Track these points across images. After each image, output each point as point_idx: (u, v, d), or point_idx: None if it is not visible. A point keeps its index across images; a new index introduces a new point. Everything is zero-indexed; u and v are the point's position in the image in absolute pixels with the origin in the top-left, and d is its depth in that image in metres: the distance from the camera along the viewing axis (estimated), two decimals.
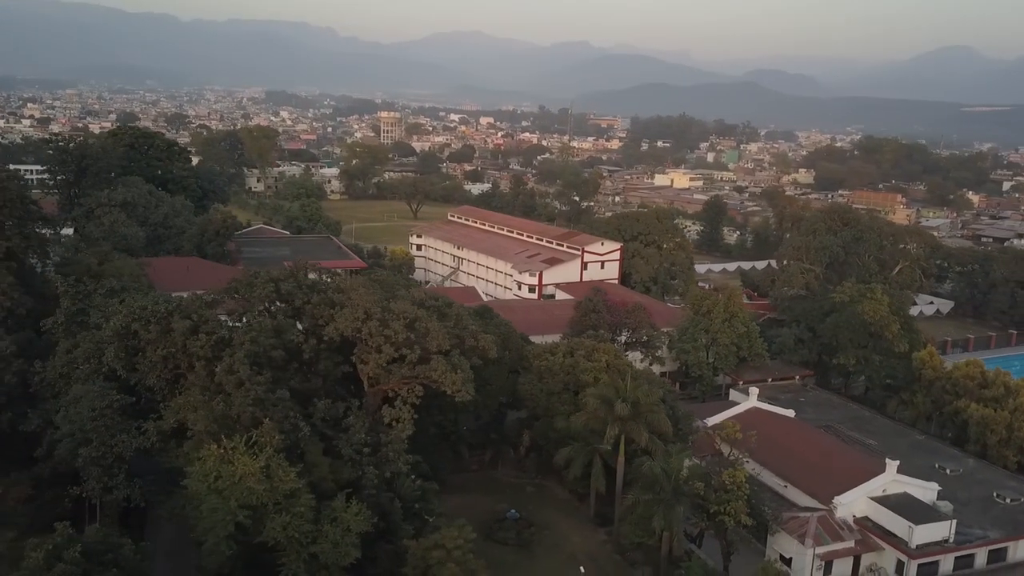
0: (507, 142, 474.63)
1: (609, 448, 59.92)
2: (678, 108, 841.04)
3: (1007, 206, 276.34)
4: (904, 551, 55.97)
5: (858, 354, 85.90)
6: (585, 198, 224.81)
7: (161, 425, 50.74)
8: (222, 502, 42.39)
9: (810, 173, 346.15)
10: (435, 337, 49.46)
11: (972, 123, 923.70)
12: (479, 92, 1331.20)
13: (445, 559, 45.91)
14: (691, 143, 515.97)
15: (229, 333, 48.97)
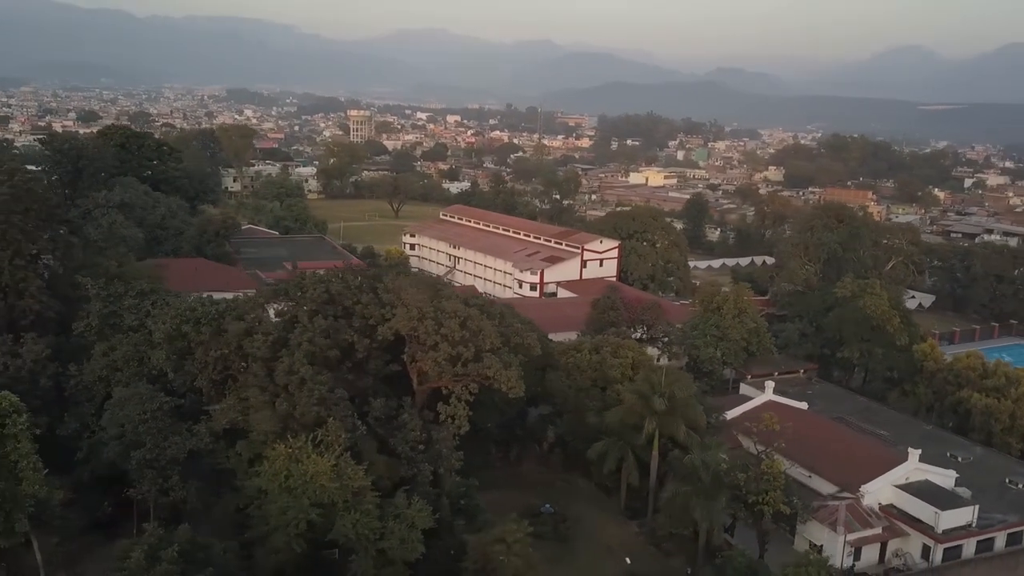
0: (479, 140, 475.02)
1: (644, 443, 61.40)
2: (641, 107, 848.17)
3: (971, 203, 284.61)
4: (931, 536, 58.31)
5: (862, 347, 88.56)
6: (566, 196, 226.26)
7: (212, 426, 51.03)
8: (294, 500, 42.89)
9: (780, 171, 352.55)
10: (487, 335, 50.40)
11: (928, 121, 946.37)
12: (442, 90, 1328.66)
13: (506, 553, 46.94)
14: (659, 141, 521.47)
15: (285, 334, 49.35)
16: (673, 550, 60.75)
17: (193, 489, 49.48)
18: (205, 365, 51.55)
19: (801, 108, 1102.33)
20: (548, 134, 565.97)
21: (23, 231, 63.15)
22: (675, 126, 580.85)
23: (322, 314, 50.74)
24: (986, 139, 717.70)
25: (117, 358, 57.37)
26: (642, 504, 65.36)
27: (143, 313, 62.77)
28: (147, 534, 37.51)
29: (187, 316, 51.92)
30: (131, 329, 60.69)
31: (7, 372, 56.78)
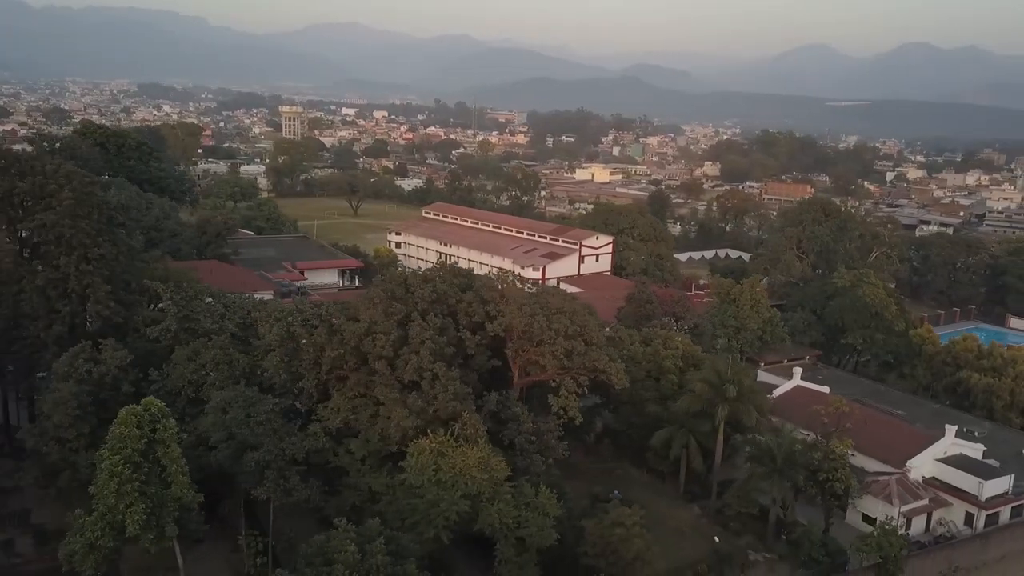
0: (416, 136, 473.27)
1: (709, 429, 64.88)
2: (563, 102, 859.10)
3: (899, 195, 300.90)
4: (975, 504, 63.69)
5: (864, 334, 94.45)
6: (526, 193, 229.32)
7: (327, 426, 51.93)
8: (446, 493, 44.44)
9: (716, 166, 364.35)
10: (592, 329, 52.82)
11: (837, 117, 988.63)
12: (362, 85, 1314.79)
13: (628, 536, 49.57)
14: (592, 137, 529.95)
15: (404, 333, 50.65)
16: (740, 529, 64.43)
17: (316, 488, 50.25)
18: (316, 366, 52.29)
19: (717, 104, 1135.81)
20: (480, 130, 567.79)
21: (88, 235, 62.12)
22: (606, 122, 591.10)
23: (432, 313, 52.18)
24: (892, 134, 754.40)
25: (206, 361, 57.37)
26: (699, 488, 69.00)
27: (217, 315, 62.86)
28: (339, 529, 38.48)
29: (296, 318, 52.52)
30: (209, 332, 60.70)
31: (91, 378, 56.12)
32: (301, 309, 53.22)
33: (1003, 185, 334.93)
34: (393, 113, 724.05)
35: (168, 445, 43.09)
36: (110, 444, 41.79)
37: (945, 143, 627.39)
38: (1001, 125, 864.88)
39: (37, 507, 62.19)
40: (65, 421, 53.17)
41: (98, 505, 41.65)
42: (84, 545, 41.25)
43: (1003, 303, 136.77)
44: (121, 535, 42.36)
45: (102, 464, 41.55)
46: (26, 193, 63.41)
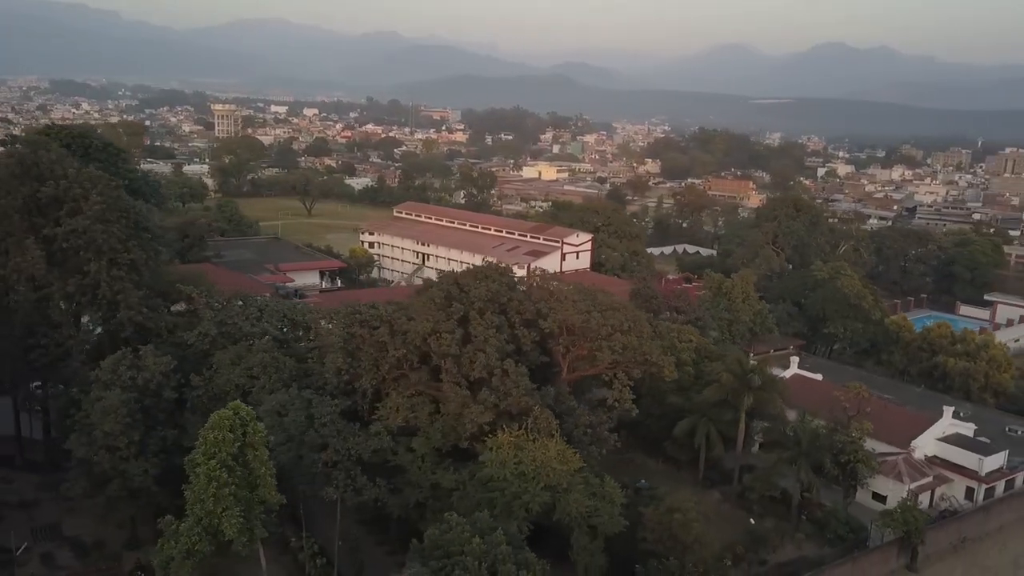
0: (355, 135, 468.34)
1: (731, 417, 67.91)
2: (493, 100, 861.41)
3: (832, 190, 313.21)
4: (975, 479, 68.41)
5: (844, 323, 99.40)
6: (483, 191, 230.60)
7: (389, 425, 52.73)
8: (529, 484, 45.92)
9: (656, 163, 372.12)
10: (642, 324, 54.98)
11: (760, 114, 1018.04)
12: (288, 82, 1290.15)
13: (686, 521, 51.94)
14: (529, 135, 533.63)
15: (465, 330, 51.84)
16: (763, 512, 67.61)
17: (383, 487, 51.04)
18: (375, 366, 53.00)
19: (644, 102, 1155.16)
20: (417, 128, 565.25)
21: (119, 240, 61.20)
22: (542, 120, 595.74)
23: (488, 311, 53.51)
24: (812, 130, 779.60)
25: (252, 364, 57.32)
26: (716, 475, 72.09)
27: (253, 318, 62.75)
28: (455, 522, 39.51)
29: (355, 319, 53.13)
30: (250, 336, 60.61)
31: (134, 385, 55.53)
32: (359, 310, 53.72)
33: (926, 179, 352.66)
34: (324, 111, 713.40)
35: (257, 448, 43.37)
36: (203, 448, 41.85)
37: (864, 140, 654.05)
38: (910, 122, 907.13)
39: (66, 519, 61.32)
40: (116, 429, 52.53)
41: (193, 510, 41.67)
42: (181, 551, 41.22)
43: (951, 292, 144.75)
44: (216, 539, 42.45)
45: (197, 469, 41.57)
46: (49, 198, 62.05)
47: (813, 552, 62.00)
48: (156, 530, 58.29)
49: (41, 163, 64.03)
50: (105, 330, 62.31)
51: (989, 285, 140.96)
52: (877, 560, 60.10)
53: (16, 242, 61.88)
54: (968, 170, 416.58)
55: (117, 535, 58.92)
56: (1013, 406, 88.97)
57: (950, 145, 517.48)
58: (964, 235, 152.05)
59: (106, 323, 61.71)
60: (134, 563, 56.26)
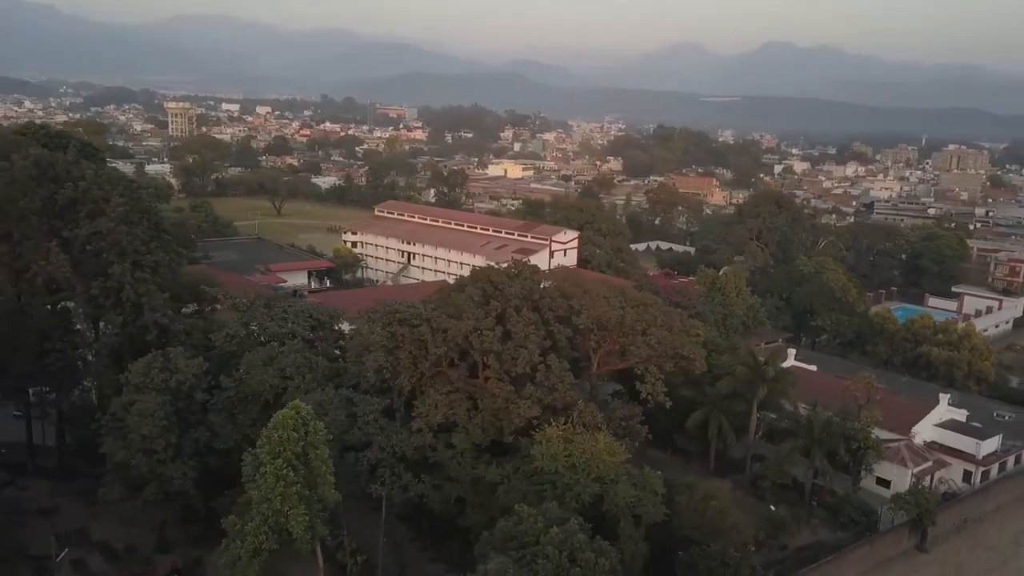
0: (313, 133, 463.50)
1: (743, 408, 70.03)
2: (445, 97, 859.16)
3: (792, 186, 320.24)
4: (973, 462, 71.72)
5: (830, 316, 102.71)
6: (453, 189, 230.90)
7: (429, 422, 53.47)
8: (580, 476, 47.16)
9: (618, 161, 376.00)
10: (674, 318, 56.61)
11: (711, 112, 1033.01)
12: (236, 80, 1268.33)
13: (722, 508, 53.77)
14: (488, 133, 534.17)
15: (504, 328, 52.83)
16: (775, 500, 69.89)
17: (429, 484, 51.76)
18: (415, 363, 53.66)
19: (597, 100, 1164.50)
20: (375, 126, 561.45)
21: (143, 242, 60.71)
22: (500, 118, 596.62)
23: (524, 308, 54.59)
24: (762, 128, 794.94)
25: (285, 365, 57.38)
26: (724, 466, 74.21)
27: (279, 319, 62.75)
28: (524, 514, 40.47)
29: (394, 318, 53.74)
30: (277, 337, 60.65)
31: (167, 387, 55.30)
32: (398, 309, 54.30)
33: (878, 176, 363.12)
34: (278, 109, 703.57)
35: (317, 447, 43.76)
36: (268, 448, 42.12)
37: (813, 137, 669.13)
38: (856, 119, 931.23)
39: (90, 524, 60.73)
40: (153, 432, 52.35)
41: (259, 509, 41.90)
42: (248, 551, 41.47)
43: (919, 284, 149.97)
44: (281, 538, 42.77)
45: (263, 468, 41.80)
46: (68, 200, 61.18)
47: (828, 536, 64.54)
48: (186, 533, 58.88)
49: (57, 164, 63.10)
50: (125, 333, 61.56)
51: (955, 278, 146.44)
52: (891, 542, 62.84)
53: (34, 245, 60.98)
54: (917, 166, 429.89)
55: (145, 539, 58.63)
56: (994, 392, 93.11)
57: (897, 142, 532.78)
58: (930, 230, 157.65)
59: (129, 326, 60.91)
60: (169, 566, 56.19)
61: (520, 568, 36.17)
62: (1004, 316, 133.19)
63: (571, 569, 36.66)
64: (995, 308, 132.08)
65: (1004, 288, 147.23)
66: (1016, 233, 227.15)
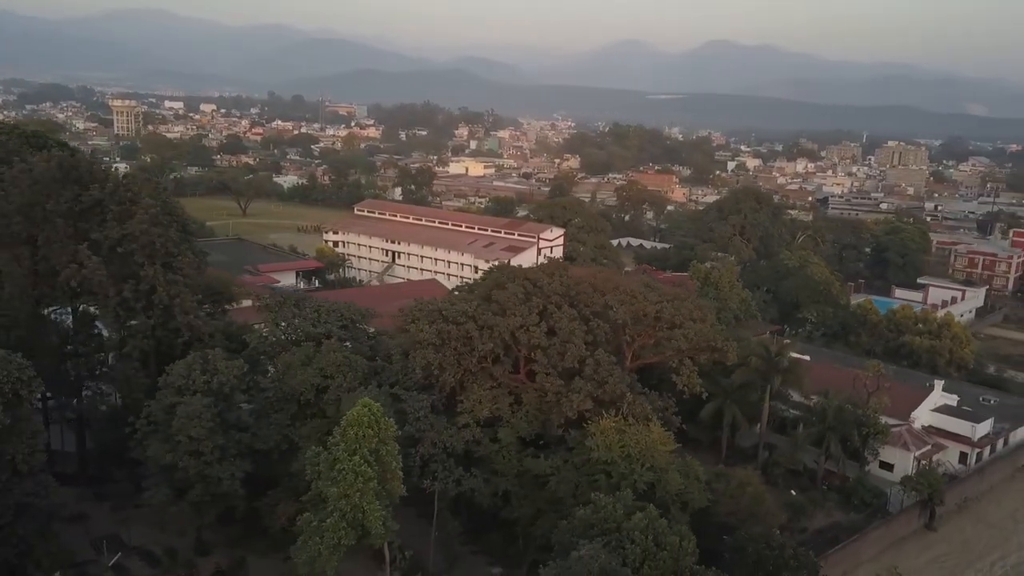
0: (265, 131, 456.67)
1: (753, 399, 72.65)
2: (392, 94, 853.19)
3: (747, 183, 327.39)
4: (969, 444, 75.57)
5: (816, 308, 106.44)
6: (421, 188, 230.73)
7: (476, 416, 54.58)
8: (635, 465, 48.82)
9: (576, 158, 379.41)
10: (707, 312, 58.70)
11: (657, 109, 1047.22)
12: (174, 77, 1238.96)
13: (757, 494, 56.07)
14: (441, 131, 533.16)
15: (548, 324, 54.21)
16: (787, 485, 72.59)
17: (481, 478, 52.87)
18: (459, 360, 54.66)
19: (545, 97, 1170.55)
20: (325, 124, 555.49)
21: (174, 243, 60.41)
22: (453, 116, 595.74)
23: (564, 304, 56.07)
24: (708, 125, 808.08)
25: (325, 365, 57.79)
26: (735, 455, 76.74)
27: (311, 319, 63.06)
28: (601, 502, 41.89)
29: (439, 315, 54.66)
30: (312, 337, 61.02)
31: (208, 389, 55.31)
32: (442, 307, 55.19)
33: (827, 172, 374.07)
34: (223, 106, 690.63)
35: (387, 443, 44.53)
36: (345, 445, 42.73)
37: (758, 134, 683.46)
38: (798, 116, 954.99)
39: (121, 529, 60.24)
40: (201, 434, 52.40)
41: (338, 505, 42.46)
42: (328, 547, 42.04)
43: (884, 277, 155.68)
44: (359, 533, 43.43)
45: (339, 465, 42.38)
46: (93, 201, 60.46)
47: (842, 519, 67.52)
48: (224, 534, 58.85)
49: (80, 166, 62.30)
50: (154, 335, 61.12)
51: (919, 270, 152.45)
52: (904, 522, 66.08)
53: (59, 248, 60.10)
54: (862, 162, 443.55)
55: (179, 542, 58.45)
56: (973, 378, 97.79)
57: (841, 139, 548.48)
58: (893, 224, 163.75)
59: (159, 328, 60.51)
60: (213, 567, 56.18)
61: (609, 553, 37.61)
62: (968, 306, 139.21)
63: (658, 553, 38.21)
64: (959, 298, 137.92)
65: (965, 279, 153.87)
66: (964, 226, 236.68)
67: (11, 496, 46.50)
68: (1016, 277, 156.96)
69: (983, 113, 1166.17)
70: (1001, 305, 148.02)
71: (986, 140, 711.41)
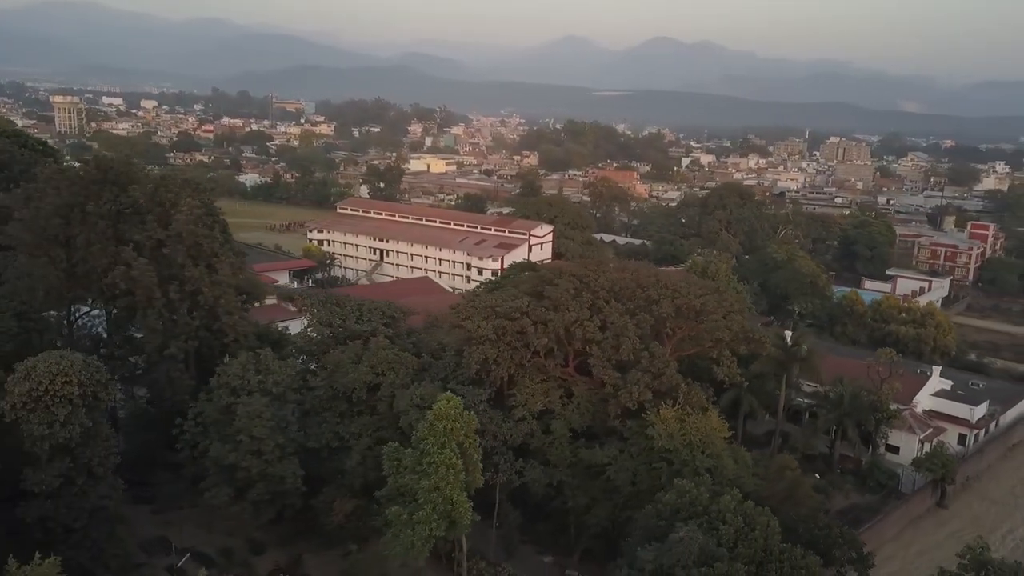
0: (216, 128, 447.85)
1: (770, 388, 75.60)
2: (337, 90, 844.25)
3: (703, 178, 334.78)
4: (967, 426, 79.85)
5: (805, 300, 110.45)
6: (390, 185, 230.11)
7: (531, 409, 56.05)
8: (696, 453, 50.91)
9: (534, 155, 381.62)
10: (743, 304, 61.14)
11: (603, 106, 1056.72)
12: (109, 72, 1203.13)
13: (797, 478, 58.73)
14: (394, 127, 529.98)
15: (600, 319, 55.98)
16: (803, 469, 75.70)
17: (538, 470, 54.37)
18: (513, 354, 56.04)
19: (491, 93, 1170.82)
20: (276, 121, 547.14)
21: (220, 244, 60.34)
22: (405, 112, 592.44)
23: (613, 299, 57.91)
24: (653, 122, 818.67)
25: (376, 362, 58.50)
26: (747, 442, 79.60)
27: (354, 317, 63.61)
28: (683, 488, 43.77)
29: (494, 312, 55.93)
30: (358, 335, 61.61)
31: (263, 389, 55.63)
32: (496, 304, 56.43)
33: (779, 167, 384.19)
34: (164, 103, 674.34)
35: (469, 436, 45.74)
36: (434, 438, 43.75)
37: (710, 131, 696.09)
38: (741, 113, 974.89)
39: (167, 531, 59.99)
40: (263, 433, 52.85)
41: (429, 498, 43.47)
42: (420, 538, 43.03)
43: (853, 269, 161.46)
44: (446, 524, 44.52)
45: (430, 458, 43.37)
46: (133, 202, 60.00)
47: (860, 500, 70.91)
48: (275, 534, 59.12)
49: (117, 166, 61.71)
50: (196, 337, 60.93)
51: (886, 262, 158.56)
52: (919, 501, 69.81)
53: (100, 249, 59.49)
54: (809, 158, 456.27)
55: (227, 543, 58.61)
56: (956, 364, 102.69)
57: (785, 136, 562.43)
58: (860, 218, 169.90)
59: (202, 330, 60.40)
60: (273, 565, 56.50)
61: (704, 534, 39.57)
62: (934, 296, 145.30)
63: (750, 533, 40.28)
64: (926, 289, 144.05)
65: (929, 270, 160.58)
66: (915, 219, 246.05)
67: (87, 500, 46.32)
68: (975, 268, 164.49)
69: (915, 110, 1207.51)
70: (964, 295, 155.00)
71: (920, 136, 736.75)
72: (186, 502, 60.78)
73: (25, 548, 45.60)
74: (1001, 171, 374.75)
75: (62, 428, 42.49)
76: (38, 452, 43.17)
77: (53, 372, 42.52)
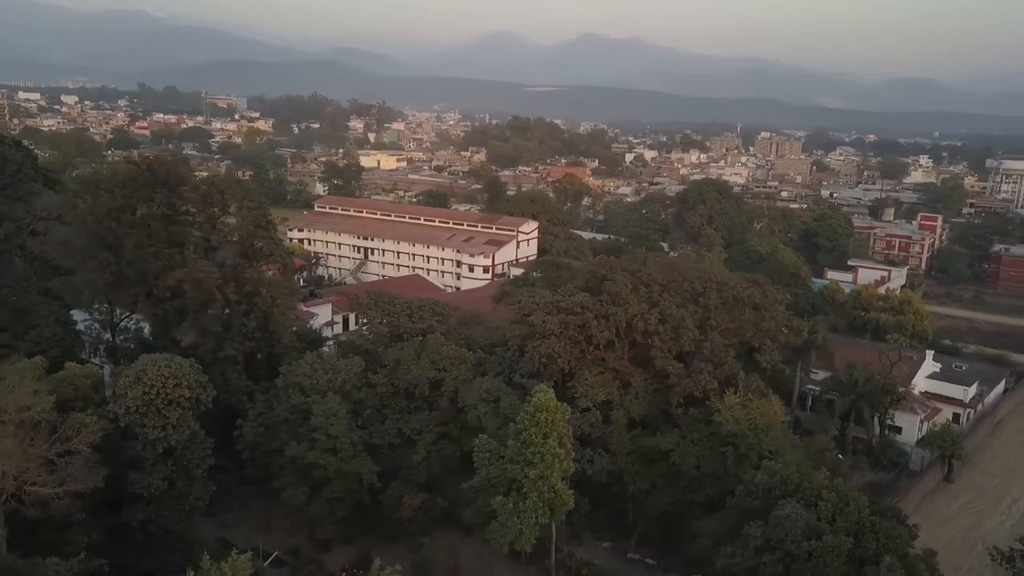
0: (151, 124, 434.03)
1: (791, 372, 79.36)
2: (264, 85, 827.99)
3: (652, 173, 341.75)
4: (961, 406, 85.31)
5: (790, 291, 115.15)
6: (350, 182, 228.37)
7: (593, 400, 58.14)
8: (760, 436, 53.79)
9: (482, 151, 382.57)
10: (775, 295, 64.45)
11: (536, 101, 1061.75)
12: (18, 66, 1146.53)
13: (835, 458, 62.42)
14: (333, 123, 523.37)
15: (660, 312, 58.38)
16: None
17: (605, 458, 56.49)
18: (573, 347, 58.02)
19: (423, 88, 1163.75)
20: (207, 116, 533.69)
21: (276, 244, 60.54)
22: (343, 108, 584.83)
23: (666, 292, 60.43)
24: (585, 117, 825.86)
25: (439, 358, 59.66)
26: None
27: (405, 316, 64.59)
28: (772, 470, 46.40)
29: (556, 307, 57.81)
30: (415, 332, 62.69)
31: (331, 387, 56.29)
32: (558, 300, 58.25)
33: (720, 162, 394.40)
34: (87, 99, 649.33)
35: (564, 425, 47.50)
36: (537, 429, 45.31)
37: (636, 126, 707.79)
38: (670, 108, 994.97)
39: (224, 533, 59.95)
40: (340, 431, 53.65)
41: (535, 487, 45.05)
42: (528, 526, 44.61)
43: (814, 260, 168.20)
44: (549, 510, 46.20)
45: (535, 449, 44.93)
46: (183, 205, 59.72)
47: (876, 478, 75.27)
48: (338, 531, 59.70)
49: (164, 168, 61.18)
50: (251, 338, 60.97)
51: (846, 253, 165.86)
52: (929, 477, 74.46)
53: (153, 253, 59.05)
54: (745, 153, 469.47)
55: (286, 543, 59.08)
56: (932, 348, 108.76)
57: (718, 131, 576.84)
58: (819, 211, 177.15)
59: (260, 330, 60.49)
60: (347, 561, 57.11)
61: (806, 510, 42.38)
62: (893, 284, 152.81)
63: (845, 508, 43.22)
64: (886, 278, 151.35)
65: (885, 260, 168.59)
66: (857, 212, 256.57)
67: (187, 502, 46.37)
68: (928, 257, 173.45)
69: (837, 105, 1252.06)
70: (919, 283, 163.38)
71: (842, 131, 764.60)
72: (237, 503, 60.92)
73: (125, 552, 45.70)
74: (926, 164, 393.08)
75: (174, 431, 42.55)
76: (147, 455, 43.10)
77: (164, 375, 42.56)
